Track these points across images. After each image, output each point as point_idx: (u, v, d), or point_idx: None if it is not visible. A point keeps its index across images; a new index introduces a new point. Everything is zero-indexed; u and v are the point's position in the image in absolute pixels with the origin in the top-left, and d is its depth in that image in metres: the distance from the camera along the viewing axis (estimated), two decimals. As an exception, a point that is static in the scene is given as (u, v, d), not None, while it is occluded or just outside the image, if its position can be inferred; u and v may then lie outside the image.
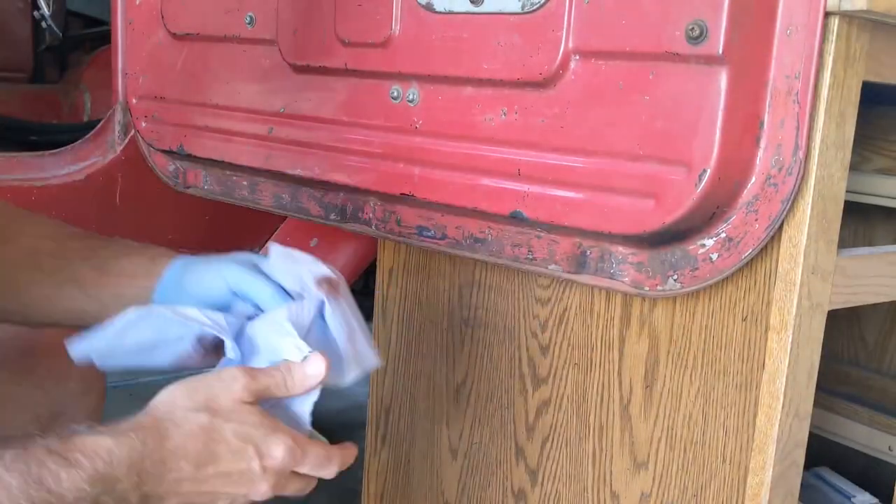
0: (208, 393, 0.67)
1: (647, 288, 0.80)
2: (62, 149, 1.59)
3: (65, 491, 0.58)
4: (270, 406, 0.71)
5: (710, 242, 0.76)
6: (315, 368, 0.72)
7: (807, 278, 0.75)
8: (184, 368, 0.76)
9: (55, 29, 2.54)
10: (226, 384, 0.67)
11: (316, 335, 0.74)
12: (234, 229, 1.71)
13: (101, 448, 0.60)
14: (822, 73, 0.71)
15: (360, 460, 1.28)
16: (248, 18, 1.13)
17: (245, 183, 1.19)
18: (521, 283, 0.99)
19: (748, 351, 0.79)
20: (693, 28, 0.72)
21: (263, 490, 0.68)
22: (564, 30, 0.81)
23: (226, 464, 0.65)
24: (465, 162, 0.92)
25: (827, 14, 0.69)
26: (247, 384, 0.68)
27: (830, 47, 0.71)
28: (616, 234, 0.81)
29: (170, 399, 0.67)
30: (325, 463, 0.73)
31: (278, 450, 0.68)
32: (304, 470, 0.71)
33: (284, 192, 1.13)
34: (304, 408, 0.73)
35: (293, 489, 0.73)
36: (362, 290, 2.52)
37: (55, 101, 2.41)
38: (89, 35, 2.66)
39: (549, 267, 0.86)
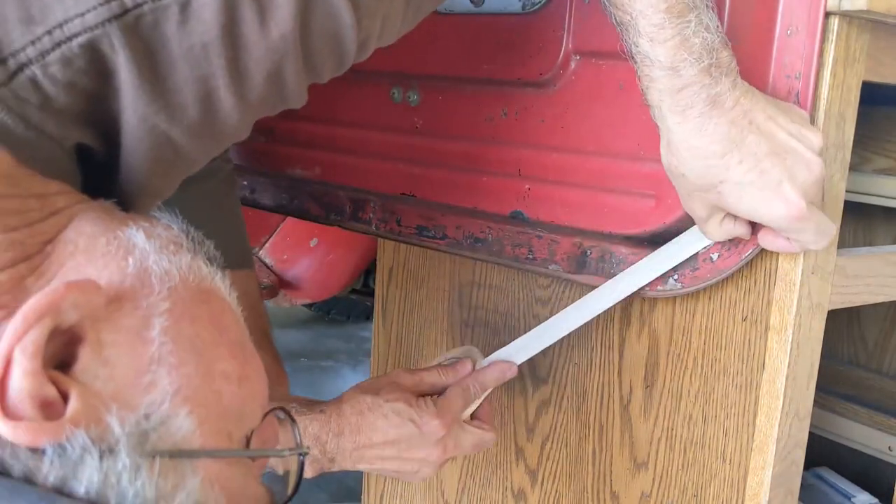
0: (378, 382, 0.84)
1: (647, 288, 0.80)
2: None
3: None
4: None
5: (709, 242, 0.76)
6: (463, 366, 0.87)
7: (807, 278, 0.75)
8: None
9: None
10: (392, 376, 0.84)
11: None
12: (235, 229, 1.71)
13: (301, 424, 0.78)
14: (822, 73, 0.71)
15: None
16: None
17: (245, 183, 1.19)
18: (521, 283, 0.99)
19: (748, 351, 0.79)
20: (693, 28, 0.72)
21: (437, 453, 0.81)
22: (565, 30, 0.81)
23: (385, 433, 0.80)
24: (465, 162, 0.92)
25: (827, 14, 0.69)
26: (410, 376, 0.84)
27: (830, 47, 0.71)
28: (616, 234, 0.81)
29: (352, 391, 0.84)
30: (465, 398, 0.85)
31: (429, 414, 0.81)
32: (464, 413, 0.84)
33: (284, 192, 1.13)
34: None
35: (468, 443, 0.85)
36: (362, 290, 2.53)
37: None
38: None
39: (549, 267, 0.86)
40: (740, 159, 0.65)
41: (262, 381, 0.53)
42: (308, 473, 0.80)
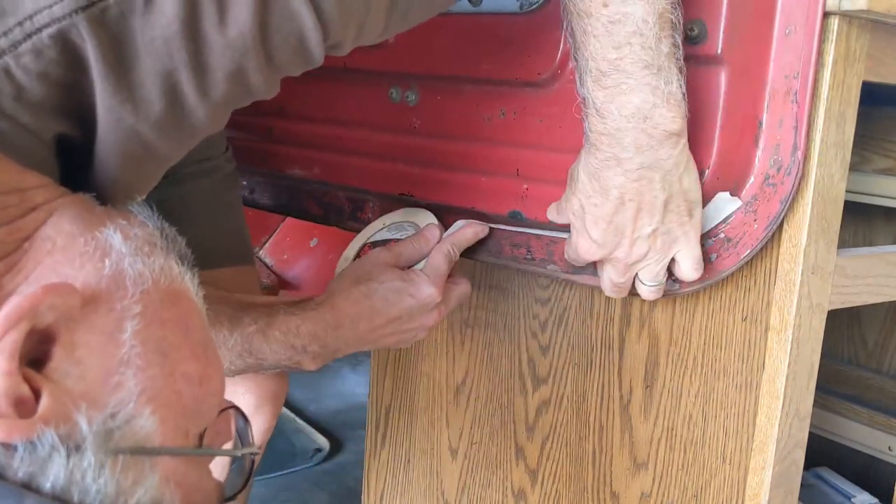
0: (362, 269, 0.87)
1: (646, 288, 0.80)
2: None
3: (267, 356, 0.83)
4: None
5: (708, 242, 0.76)
6: (432, 232, 0.90)
7: (807, 278, 0.75)
8: None
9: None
10: (374, 259, 0.87)
11: None
12: (234, 229, 1.71)
13: (293, 325, 0.83)
14: (822, 73, 0.71)
15: (359, 460, 1.29)
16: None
17: (245, 183, 1.19)
18: (521, 283, 0.99)
19: (748, 351, 0.79)
20: (692, 28, 0.72)
21: (433, 317, 0.87)
22: (563, 30, 0.81)
23: (387, 313, 0.84)
24: (463, 162, 0.92)
25: (826, 14, 0.69)
26: (389, 253, 0.87)
27: (830, 47, 0.71)
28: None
29: (338, 282, 0.87)
30: (449, 261, 0.89)
31: (425, 283, 0.85)
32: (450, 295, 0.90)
33: (284, 192, 1.13)
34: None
35: (454, 300, 0.90)
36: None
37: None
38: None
39: (549, 267, 0.86)
40: (595, 204, 0.73)
41: (220, 379, 0.55)
42: (311, 365, 0.85)
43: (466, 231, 0.89)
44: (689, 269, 0.75)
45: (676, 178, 0.70)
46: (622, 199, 0.71)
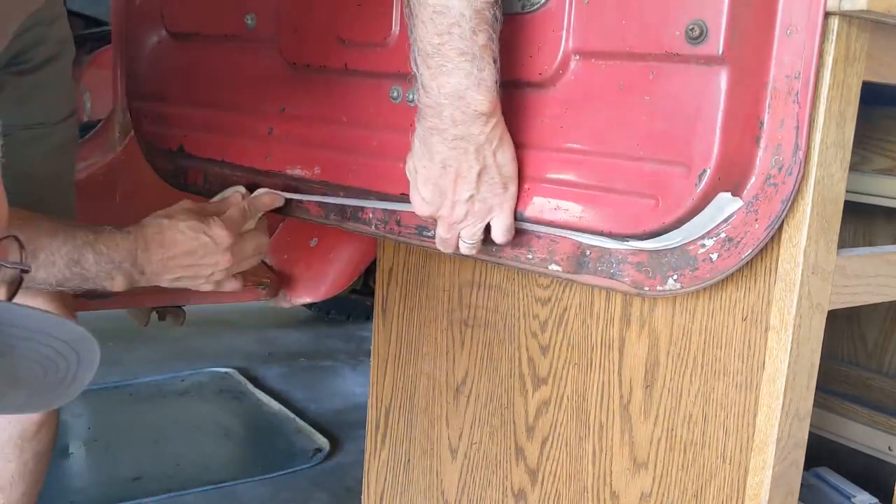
0: (170, 210, 1.03)
1: (647, 288, 0.80)
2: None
3: (90, 267, 0.96)
4: None
5: (710, 242, 0.76)
6: (234, 196, 1.09)
7: (807, 278, 0.75)
8: None
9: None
10: (180, 205, 1.03)
11: None
12: (234, 229, 1.71)
13: (114, 241, 0.97)
14: (822, 73, 0.71)
15: (359, 460, 1.29)
16: (249, 18, 1.13)
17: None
18: (521, 283, 0.99)
19: (748, 351, 0.79)
20: (693, 28, 0.72)
21: (226, 258, 1.02)
22: (564, 30, 0.81)
23: (185, 246, 1.00)
24: (465, 162, 0.91)
25: (827, 14, 0.69)
26: (194, 204, 1.04)
27: (830, 47, 0.71)
28: (616, 233, 0.81)
29: (149, 218, 1.02)
30: (243, 215, 1.06)
31: (218, 226, 1.01)
32: (243, 227, 1.05)
33: (284, 192, 1.13)
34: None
35: (250, 248, 1.05)
36: (362, 290, 2.53)
37: (55, 101, 2.41)
38: (89, 35, 2.66)
39: (549, 267, 0.86)
40: (424, 166, 0.85)
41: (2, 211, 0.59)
42: (120, 286, 0.98)
43: (263, 197, 1.08)
44: (499, 234, 0.86)
45: (490, 152, 0.82)
46: (444, 164, 0.83)
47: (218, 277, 1.04)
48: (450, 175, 0.83)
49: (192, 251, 1.00)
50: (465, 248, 0.88)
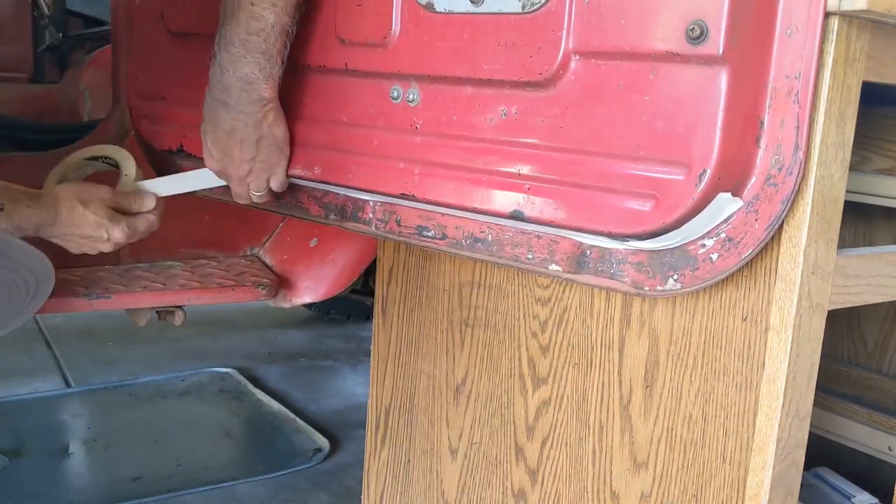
0: (87, 194, 1.12)
1: (647, 288, 0.80)
2: (62, 149, 1.59)
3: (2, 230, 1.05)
4: None
5: (710, 242, 0.76)
6: (149, 200, 1.17)
7: (807, 278, 0.75)
8: None
9: (55, 29, 2.54)
10: (98, 192, 1.13)
11: None
12: (234, 229, 1.71)
13: (27, 215, 1.07)
14: (822, 73, 0.71)
15: (359, 460, 1.29)
16: (249, 18, 1.13)
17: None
18: (521, 283, 0.99)
19: (748, 351, 0.79)
20: (693, 28, 0.72)
21: (109, 248, 1.15)
22: (564, 30, 0.81)
23: (85, 231, 1.11)
24: (465, 162, 0.92)
25: (827, 14, 0.69)
26: (111, 197, 1.14)
27: (830, 47, 0.71)
28: (616, 234, 0.81)
29: (66, 192, 1.12)
30: (148, 227, 1.17)
31: (119, 230, 1.13)
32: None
33: (285, 192, 1.13)
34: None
35: (142, 228, 1.17)
36: (362, 290, 2.53)
37: (55, 101, 2.41)
38: (89, 35, 2.66)
39: (549, 267, 0.86)
40: (209, 132, 1.07)
41: None
42: (15, 234, 1.07)
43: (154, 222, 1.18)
44: (276, 185, 1.10)
45: (266, 126, 1.03)
46: (229, 132, 1.03)
47: (95, 251, 1.16)
48: (234, 140, 1.04)
49: (87, 236, 1.13)
50: (256, 198, 1.11)
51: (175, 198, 1.20)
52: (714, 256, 0.77)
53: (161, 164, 1.35)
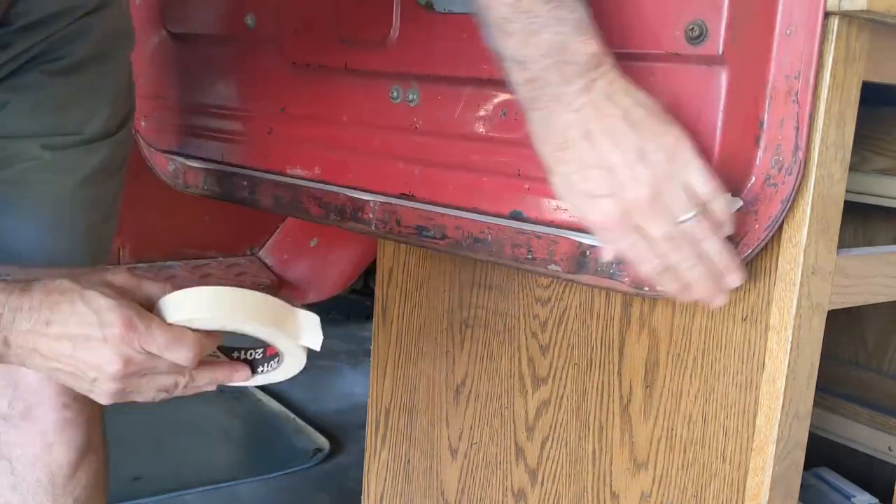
0: (90, 275, 0.72)
1: (646, 288, 0.80)
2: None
3: None
4: None
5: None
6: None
7: (807, 278, 0.75)
8: None
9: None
10: (110, 272, 0.72)
11: None
12: (234, 229, 1.71)
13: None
14: (822, 73, 0.71)
15: (359, 460, 1.29)
16: (249, 18, 1.13)
17: (245, 183, 1.19)
18: (521, 283, 0.99)
19: (748, 351, 0.79)
20: (693, 28, 0.72)
21: (113, 368, 0.69)
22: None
23: (69, 326, 0.68)
24: (465, 162, 0.92)
25: (827, 14, 0.69)
26: (126, 277, 0.72)
27: (830, 47, 0.71)
28: (616, 234, 0.81)
29: (72, 277, 0.71)
30: (173, 344, 0.70)
31: (116, 318, 0.68)
32: (152, 349, 0.69)
33: (284, 192, 1.13)
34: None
35: (160, 384, 0.73)
36: (362, 290, 2.53)
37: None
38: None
39: (549, 267, 0.86)
40: (570, 159, 0.68)
41: None
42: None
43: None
44: (701, 184, 0.66)
45: (620, 91, 0.67)
46: (586, 134, 0.66)
47: (97, 394, 0.72)
48: (602, 142, 0.66)
49: (71, 336, 0.68)
50: (696, 231, 0.67)
51: (174, 198, 1.19)
52: (714, 256, 0.77)
53: (161, 164, 1.35)
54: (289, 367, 0.79)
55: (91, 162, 0.90)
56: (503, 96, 0.87)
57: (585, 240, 0.83)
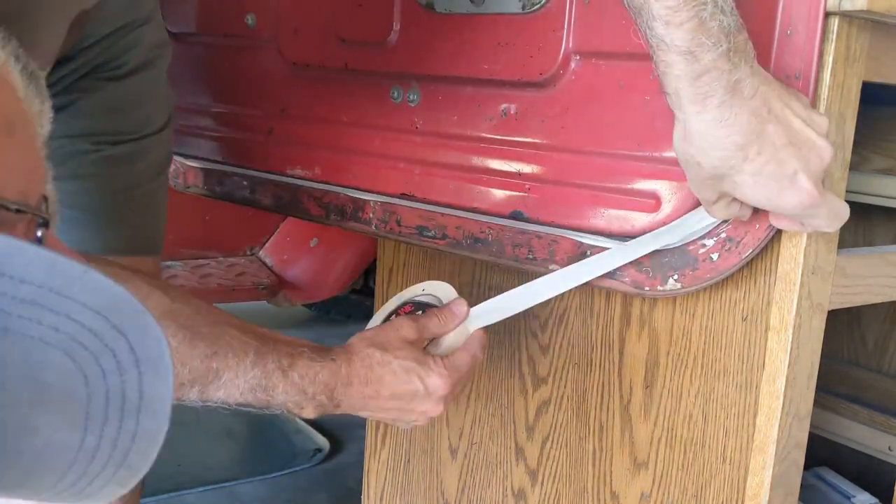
0: (384, 336, 0.85)
1: (647, 288, 0.80)
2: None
3: (277, 396, 0.80)
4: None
5: (710, 242, 0.76)
6: (459, 308, 0.87)
7: (807, 278, 0.75)
8: None
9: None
10: (396, 328, 0.85)
11: None
12: (234, 229, 1.71)
13: (312, 371, 0.80)
14: (822, 73, 0.71)
15: (359, 460, 1.29)
16: (249, 18, 1.13)
17: (245, 183, 1.19)
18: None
19: (748, 351, 0.79)
20: (693, 28, 0.72)
21: (437, 409, 0.84)
22: (564, 30, 0.81)
23: (392, 387, 0.82)
24: (465, 162, 0.92)
25: (827, 14, 0.69)
26: (413, 326, 0.85)
27: (830, 47, 0.71)
28: (616, 233, 0.81)
29: (359, 341, 0.85)
30: (469, 363, 0.86)
31: (437, 375, 0.83)
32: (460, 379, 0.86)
33: (284, 192, 1.13)
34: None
35: (461, 384, 0.86)
36: (362, 290, 2.53)
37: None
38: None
39: (549, 267, 0.86)
40: (759, 150, 0.65)
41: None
42: (311, 414, 0.83)
43: (483, 336, 0.88)
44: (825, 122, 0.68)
45: (760, 72, 0.66)
46: (771, 114, 0.65)
47: (420, 423, 0.87)
48: (783, 116, 0.65)
49: (399, 395, 0.83)
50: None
51: (174, 197, 1.19)
52: (714, 256, 0.77)
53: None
54: None
55: (143, 158, 0.98)
56: (503, 96, 0.87)
57: (586, 240, 0.83)
